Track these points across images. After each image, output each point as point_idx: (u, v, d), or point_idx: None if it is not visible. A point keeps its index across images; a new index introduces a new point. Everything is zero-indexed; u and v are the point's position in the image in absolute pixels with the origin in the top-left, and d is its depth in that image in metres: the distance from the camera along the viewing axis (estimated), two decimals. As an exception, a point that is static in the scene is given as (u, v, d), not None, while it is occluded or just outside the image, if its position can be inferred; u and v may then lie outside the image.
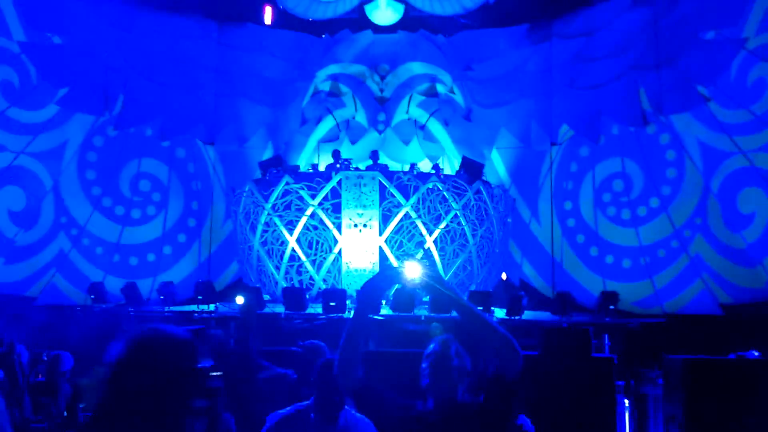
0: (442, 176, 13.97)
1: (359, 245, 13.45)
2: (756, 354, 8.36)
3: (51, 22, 13.76)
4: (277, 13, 16.44)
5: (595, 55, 14.81)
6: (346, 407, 3.69)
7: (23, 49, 13.41)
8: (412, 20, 15.94)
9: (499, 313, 12.44)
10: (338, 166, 14.14)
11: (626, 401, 8.99)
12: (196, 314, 12.38)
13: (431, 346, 3.22)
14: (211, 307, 12.75)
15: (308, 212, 13.48)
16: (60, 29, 13.89)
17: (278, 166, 14.14)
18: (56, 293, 13.64)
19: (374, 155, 14.70)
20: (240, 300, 11.01)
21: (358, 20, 15.84)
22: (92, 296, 13.11)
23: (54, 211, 13.98)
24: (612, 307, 12.46)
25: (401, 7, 15.48)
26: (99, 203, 14.48)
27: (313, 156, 15.99)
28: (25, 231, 13.63)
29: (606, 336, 10.90)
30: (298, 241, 13.50)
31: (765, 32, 12.28)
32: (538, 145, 15.25)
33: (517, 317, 12.15)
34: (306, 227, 13.51)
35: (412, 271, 2.98)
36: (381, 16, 15.55)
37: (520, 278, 15.01)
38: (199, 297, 12.75)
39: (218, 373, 5.29)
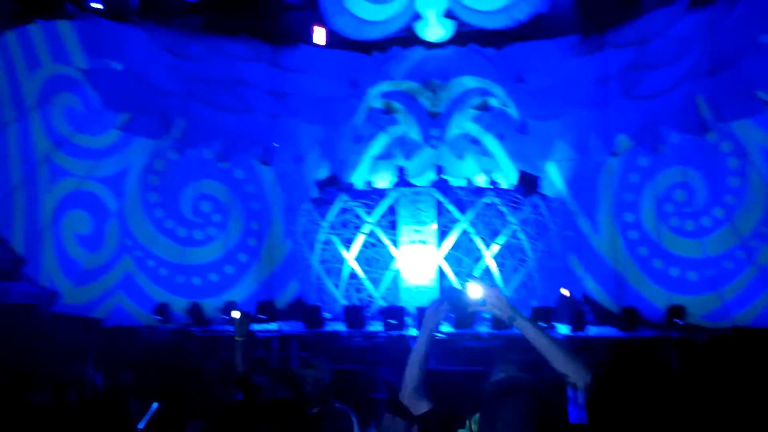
0: (498, 191, 13.91)
1: (417, 262, 13.45)
2: None
3: (111, 49, 14.10)
4: (329, 34, 16.63)
5: (650, 63, 14.58)
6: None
7: (86, 76, 13.74)
8: (462, 35, 15.93)
9: (563, 329, 12.31)
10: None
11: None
12: (258, 333, 12.50)
13: (495, 371, 3.21)
14: (274, 326, 12.87)
15: (365, 230, 13.54)
16: (120, 56, 14.23)
17: (334, 185, 14.26)
18: (122, 314, 13.90)
19: (439, 170, 14.73)
20: (236, 315, 11.06)
21: (408, 38, 15.89)
22: (158, 317, 13.38)
23: (119, 234, 14.28)
24: (679, 321, 12.21)
25: (451, 24, 15.49)
26: (162, 225, 14.73)
27: (368, 173, 16.07)
28: (92, 254, 13.94)
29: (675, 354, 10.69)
30: (356, 258, 13.56)
31: (826, 33, 12.01)
32: (596, 157, 15.04)
33: (581, 333, 11.99)
34: (363, 245, 13.57)
35: (475, 293, 3.01)
36: (431, 33, 15.57)
37: (583, 293, 14.81)
38: (262, 316, 12.90)
39: None
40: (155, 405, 5.73)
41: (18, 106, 13.03)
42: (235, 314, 5.41)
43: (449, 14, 15.32)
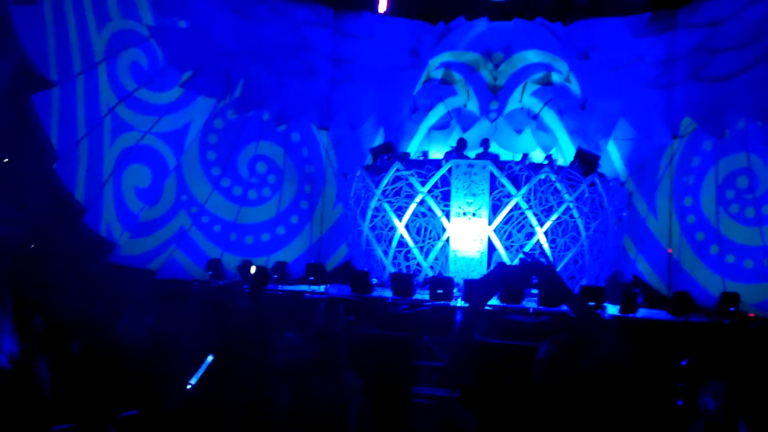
0: (555, 167, 13.71)
1: (468, 234, 13.40)
2: None
3: (178, 7, 14.27)
4: (392, 1, 16.54)
5: (722, 46, 14.16)
6: None
7: (152, 32, 13.95)
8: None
9: (612, 309, 12.14)
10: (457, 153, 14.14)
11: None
12: (306, 294, 12.66)
13: (543, 348, 3.19)
14: (321, 288, 13.01)
15: (417, 199, 13.53)
16: (186, 14, 14.40)
17: (389, 153, 14.26)
18: (176, 268, 14.23)
19: (485, 143, 14.61)
20: (253, 270, 11.09)
21: (473, 2, 15.63)
22: (210, 272, 13.66)
23: (176, 190, 14.58)
24: (732, 308, 11.93)
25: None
26: (218, 183, 15.02)
27: (423, 143, 16.03)
28: (149, 207, 14.27)
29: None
30: (406, 227, 13.58)
31: None
32: (659, 138, 14.72)
33: (631, 314, 11.81)
34: (415, 214, 13.57)
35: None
36: None
37: (634, 274, 14.58)
38: (311, 278, 13.05)
39: None
40: (210, 358, 5.81)
41: (86, 59, 13.29)
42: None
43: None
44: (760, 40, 13.60)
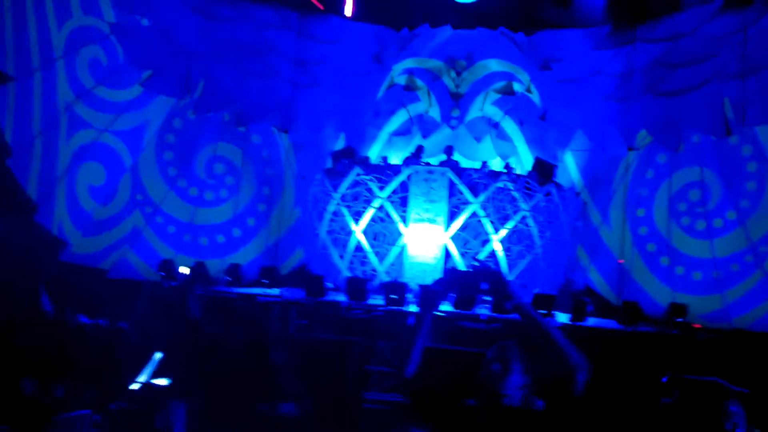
0: (512, 176, 13.84)
1: (424, 240, 13.45)
2: None
3: (140, 5, 14.14)
4: (358, 5, 16.56)
5: (679, 61, 14.37)
6: None
7: (113, 29, 13.80)
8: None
9: (563, 317, 12.26)
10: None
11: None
12: (260, 297, 12.60)
13: (490, 354, 3.22)
14: (276, 291, 12.96)
15: (376, 204, 13.56)
16: (148, 12, 14.28)
17: (349, 157, 14.27)
18: (128, 268, 14.05)
19: (448, 150, 14.70)
20: (184, 270, 10.95)
21: (437, 10, 15.68)
22: (162, 273, 13.53)
23: (131, 189, 14.39)
24: (680, 319, 12.11)
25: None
26: (174, 183, 14.87)
27: (384, 148, 16.07)
28: (103, 206, 14.09)
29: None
30: (363, 232, 13.60)
31: None
32: (614, 150, 14.91)
33: (580, 323, 11.93)
34: (373, 219, 13.59)
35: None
36: None
37: (586, 283, 14.74)
38: (264, 281, 13.00)
39: None
40: (159, 355, 5.77)
41: (45, 55, 13.11)
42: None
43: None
44: (716, 57, 13.83)
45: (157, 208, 14.63)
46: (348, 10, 16.63)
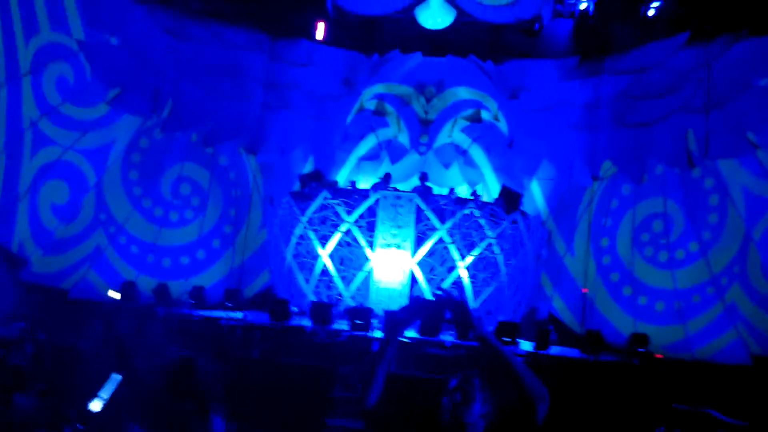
0: (479, 203, 13.92)
1: (390, 265, 13.45)
2: None
3: (110, 23, 14.04)
4: (329, 30, 16.62)
5: (645, 93, 14.62)
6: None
7: (81, 47, 13.68)
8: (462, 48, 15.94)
9: (526, 345, 12.30)
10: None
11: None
12: (223, 320, 12.47)
13: (453, 382, 3.23)
14: (239, 314, 12.83)
15: (343, 228, 13.54)
16: (118, 30, 14.18)
17: (317, 181, 14.25)
18: (89, 288, 13.83)
19: (423, 177, 14.75)
20: (114, 295, 10.81)
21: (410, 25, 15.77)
22: (124, 294, 13.33)
23: (94, 208, 14.22)
24: (641, 349, 12.21)
25: (452, 12, 15.31)
26: (139, 203, 14.71)
27: (353, 173, 16.08)
28: (65, 224, 13.89)
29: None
30: (330, 256, 13.55)
31: (822, 83, 12.02)
32: (580, 179, 15.08)
33: (543, 351, 11.98)
34: (339, 243, 13.56)
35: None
36: (431, 20, 15.40)
37: (550, 312, 14.83)
38: (228, 304, 12.86)
39: None
40: (117, 377, 5.61)
41: (11, 70, 12.95)
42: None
43: (453, 2, 15.12)
44: (681, 90, 14.09)
45: (120, 227, 14.45)
46: (319, 35, 16.68)
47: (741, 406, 8.05)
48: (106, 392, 5.48)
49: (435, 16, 15.25)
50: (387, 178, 14.67)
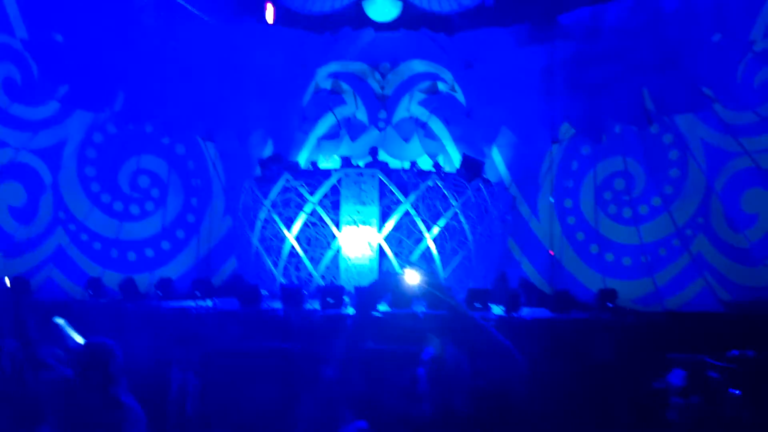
0: (442, 174, 13.93)
1: (358, 242, 13.42)
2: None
3: (53, 20, 13.74)
4: (279, 11, 16.43)
5: (598, 55, 14.69)
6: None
7: (25, 46, 13.37)
8: (412, 18, 15.88)
9: (497, 310, 12.38)
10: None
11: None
12: (193, 310, 12.33)
13: (428, 350, 3.22)
14: (209, 303, 12.71)
15: (308, 209, 13.47)
16: (62, 27, 13.89)
17: (278, 164, 14.14)
18: (54, 288, 13.63)
19: (373, 152, 14.69)
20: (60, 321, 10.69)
21: (357, 17, 15.75)
22: (90, 291, 13.13)
23: (53, 207, 13.98)
24: (610, 304, 12.36)
25: (399, 4, 15.34)
26: (98, 199, 14.48)
27: (313, 153, 15.98)
28: (24, 226, 13.63)
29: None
30: (297, 237, 13.48)
31: (772, 36, 12.16)
32: (539, 144, 15.16)
33: (515, 314, 12.06)
34: (305, 224, 13.49)
35: (411, 279, 3.03)
36: (378, 13, 15.38)
37: (519, 275, 14.94)
38: (197, 293, 12.73)
39: None
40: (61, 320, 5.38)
41: (-44, 74, 12.71)
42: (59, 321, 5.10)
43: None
44: (634, 50, 14.19)
45: (81, 225, 14.22)
46: (269, 17, 16.47)
47: (719, 351, 8.18)
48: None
49: (382, 9, 15.32)
50: (346, 161, 14.59)
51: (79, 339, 4.90)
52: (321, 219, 13.46)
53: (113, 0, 14.50)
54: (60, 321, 5.12)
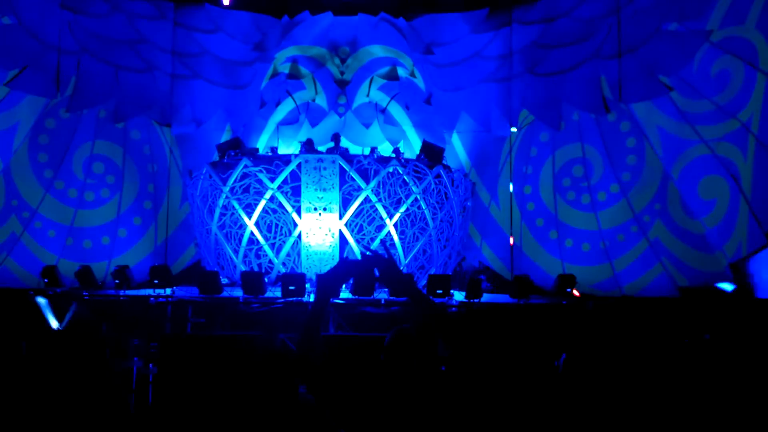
0: (402, 160, 13.91)
1: (319, 228, 13.34)
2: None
3: (0, 3, 13.33)
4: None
5: (556, 42, 14.81)
6: None
7: (-29, 29, 12.97)
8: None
9: (459, 296, 12.46)
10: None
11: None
12: (152, 298, 12.15)
13: (388, 338, 3.22)
14: (168, 291, 12.53)
15: (267, 195, 13.33)
16: (9, 10, 13.46)
17: (236, 149, 13.95)
18: (8, 277, 13.32)
19: (336, 138, 14.60)
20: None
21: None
22: (45, 280, 12.82)
23: (5, 195, 13.68)
24: (569, 289, 12.54)
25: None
26: (51, 186, 14.17)
27: (272, 139, 15.81)
28: (-25, 215, 13.29)
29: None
30: (257, 224, 13.34)
31: (729, 26, 12.30)
32: (498, 130, 15.25)
33: (476, 300, 12.16)
34: (265, 210, 13.35)
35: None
36: None
37: (480, 261, 15.06)
38: (155, 281, 12.53)
39: None
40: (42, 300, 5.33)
41: None
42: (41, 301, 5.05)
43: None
44: (591, 37, 14.34)
45: (34, 212, 13.90)
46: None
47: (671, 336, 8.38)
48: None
49: None
50: (309, 143, 14.47)
51: (54, 323, 4.87)
52: (281, 205, 13.34)
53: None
54: (42, 301, 5.09)
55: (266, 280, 12.66)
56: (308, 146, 14.33)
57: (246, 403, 9.99)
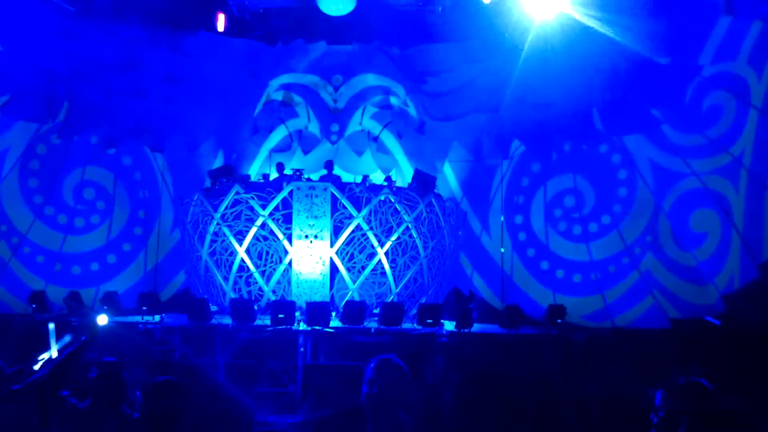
0: (394, 188, 13.91)
1: (309, 256, 13.30)
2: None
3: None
4: (230, 21, 16.18)
5: (548, 74, 14.81)
6: None
7: (-38, 56, 12.96)
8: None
9: (449, 325, 12.41)
10: (287, 175, 14.03)
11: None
12: (140, 325, 12.04)
13: (369, 369, 3.21)
14: (156, 318, 12.43)
15: (258, 222, 13.29)
16: (2, 37, 13.45)
17: (228, 176, 13.94)
18: (-4, 302, 13.22)
19: (329, 165, 14.62)
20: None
21: (311, 24, 15.52)
22: (33, 305, 12.73)
23: (-7, 220, 13.58)
24: (559, 320, 12.50)
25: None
26: (41, 212, 14.13)
27: (264, 166, 15.80)
28: (-36, 240, 13.20)
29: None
30: (247, 251, 13.28)
31: (721, 62, 12.31)
32: (490, 159, 15.28)
33: (466, 329, 12.11)
34: (256, 237, 13.31)
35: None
36: (333, 6, 15.12)
37: (470, 290, 15.01)
38: (144, 308, 12.43)
39: None
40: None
41: None
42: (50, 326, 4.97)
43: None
44: (584, 70, 14.32)
45: (23, 237, 13.84)
46: (220, 26, 16.22)
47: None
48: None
49: (337, 2, 15.03)
50: (279, 168, 14.44)
51: (54, 352, 4.78)
52: (272, 232, 13.30)
53: (55, 9, 14.08)
54: (51, 326, 4.99)
55: (256, 307, 12.58)
56: (280, 169, 14.37)
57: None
